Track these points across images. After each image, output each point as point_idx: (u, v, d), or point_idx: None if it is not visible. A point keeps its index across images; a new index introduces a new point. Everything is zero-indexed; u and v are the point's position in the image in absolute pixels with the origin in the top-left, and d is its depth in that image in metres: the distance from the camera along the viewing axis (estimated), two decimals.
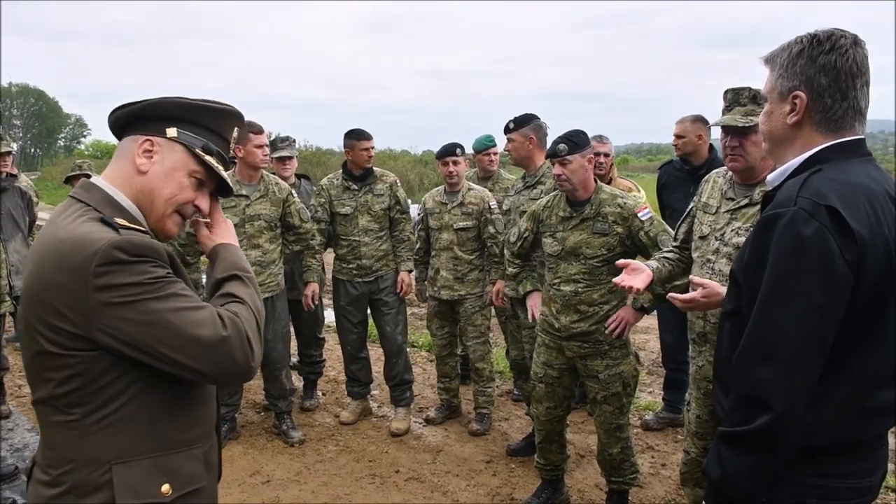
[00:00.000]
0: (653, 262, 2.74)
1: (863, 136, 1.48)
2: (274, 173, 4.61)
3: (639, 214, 3.12)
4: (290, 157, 4.91)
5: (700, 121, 4.34)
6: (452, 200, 4.46)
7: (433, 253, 4.59)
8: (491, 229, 4.34)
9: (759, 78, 2.56)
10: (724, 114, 2.51)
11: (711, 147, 4.40)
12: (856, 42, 1.43)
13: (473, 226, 4.42)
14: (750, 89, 2.47)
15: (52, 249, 1.29)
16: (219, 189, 1.55)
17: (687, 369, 3.78)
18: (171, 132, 1.43)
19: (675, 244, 2.85)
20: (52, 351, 1.28)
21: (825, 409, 1.40)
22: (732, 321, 1.46)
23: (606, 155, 4.69)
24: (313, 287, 4.52)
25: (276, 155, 4.85)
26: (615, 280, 2.49)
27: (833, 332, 1.33)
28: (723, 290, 2.06)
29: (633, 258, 3.27)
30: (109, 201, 1.39)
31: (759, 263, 1.38)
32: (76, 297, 1.24)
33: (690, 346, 2.72)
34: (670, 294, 2.33)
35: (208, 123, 1.48)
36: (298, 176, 5.14)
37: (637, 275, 2.49)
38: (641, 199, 4.81)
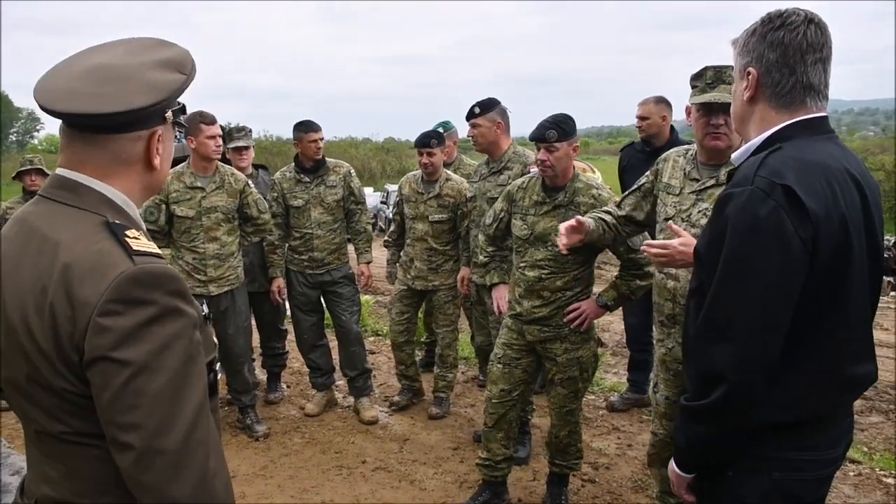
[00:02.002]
0: (590, 220, 2.72)
1: (824, 114, 1.50)
2: (230, 163, 4.51)
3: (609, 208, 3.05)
4: (246, 147, 4.78)
5: (663, 102, 4.35)
6: (429, 191, 4.38)
7: (408, 241, 4.52)
8: (466, 223, 4.27)
9: (715, 58, 2.57)
10: (703, 92, 2.44)
11: (672, 128, 4.42)
12: (810, 20, 1.44)
13: (449, 218, 4.36)
14: (733, 67, 2.44)
15: (51, 271, 1.10)
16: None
17: (651, 350, 3.79)
18: (168, 114, 1.25)
19: (619, 213, 2.82)
20: (60, 386, 1.10)
21: (792, 385, 1.43)
22: (697, 299, 1.50)
23: None
24: (278, 282, 4.57)
25: (231, 145, 4.72)
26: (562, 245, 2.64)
27: (790, 310, 1.37)
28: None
29: (598, 253, 3.24)
30: (107, 203, 1.21)
31: (718, 242, 1.41)
32: (78, 329, 1.07)
33: (656, 329, 2.71)
34: (646, 242, 2.30)
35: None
36: (256, 166, 5.03)
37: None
38: (598, 179, 4.83)
